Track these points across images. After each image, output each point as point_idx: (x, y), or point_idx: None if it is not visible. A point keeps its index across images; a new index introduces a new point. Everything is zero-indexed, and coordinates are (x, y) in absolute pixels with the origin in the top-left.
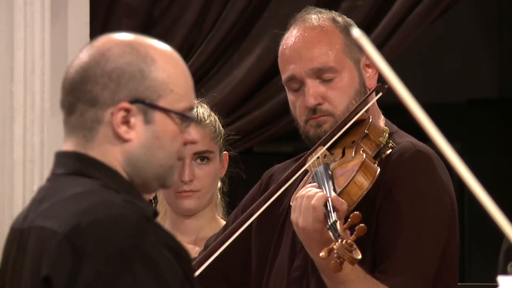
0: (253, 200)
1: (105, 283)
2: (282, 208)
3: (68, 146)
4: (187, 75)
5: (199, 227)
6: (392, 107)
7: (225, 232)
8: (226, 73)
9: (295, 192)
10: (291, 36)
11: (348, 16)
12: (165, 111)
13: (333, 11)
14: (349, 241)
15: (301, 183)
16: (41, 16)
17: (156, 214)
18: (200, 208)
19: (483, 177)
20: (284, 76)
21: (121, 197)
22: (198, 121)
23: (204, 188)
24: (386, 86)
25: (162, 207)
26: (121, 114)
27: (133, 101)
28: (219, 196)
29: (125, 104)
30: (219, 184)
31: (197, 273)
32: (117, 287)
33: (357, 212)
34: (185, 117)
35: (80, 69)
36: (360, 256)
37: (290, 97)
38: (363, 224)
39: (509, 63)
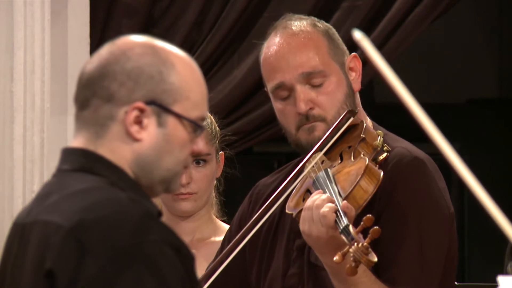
0: (243, 217)
1: (107, 279)
2: (271, 218)
3: (78, 141)
4: (203, 85)
5: (195, 228)
6: (388, 107)
7: (223, 252)
8: (226, 73)
9: (290, 199)
10: (274, 44)
11: (348, 16)
12: (179, 116)
13: (312, 17)
14: (365, 244)
15: (295, 189)
16: (41, 16)
17: (160, 213)
18: (197, 210)
19: (483, 177)
20: (271, 85)
21: (126, 195)
22: None
23: (201, 191)
24: (356, 111)
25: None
26: (135, 113)
27: (149, 102)
28: (214, 195)
29: (140, 104)
30: (215, 183)
31: None
32: (119, 284)
33: (370, 215)
34: (196, 126)
35: (99, 64)
36: (376, 259)
37: (277, 105)
38: (377, 227)
39: (509, 63)
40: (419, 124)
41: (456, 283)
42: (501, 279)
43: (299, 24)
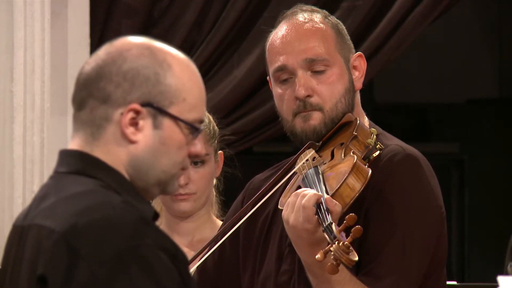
0: (236, 212)
1: (101, 285)
2: (266, 213)
3: (75, 143)
4: (201, 86)
5: (195, 228)
6: (388, 107)
7: (211, 239)
8: (226, 73)
9: (283, 195)
10: (282, 30)
11: (348, 16)
12: (175, 118)
13: (324, 11)
14: (346, 243)
15: (288, 186)
16: (41, 16)
17: (156, 215)
18: (195, 210)
19: (483, 177)
20: (273, 67)
21: (120, 198)
22: None
23: (200, 191)
24: (318, 144)
25: (157, 206)
26: (131, 115)
27: (144, 104)
28: (214, 194)
29: (136, 106)
30: (214, 181)
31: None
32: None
33: (353, 214)
34: (193, 128)
35: (96, 65)
36: (357, 258)
37: (277, 90)
38: (359, 226)
39: (509, 63)
40: None
41: (456, 283)
42: (501, 279)
43: (310, 14)
